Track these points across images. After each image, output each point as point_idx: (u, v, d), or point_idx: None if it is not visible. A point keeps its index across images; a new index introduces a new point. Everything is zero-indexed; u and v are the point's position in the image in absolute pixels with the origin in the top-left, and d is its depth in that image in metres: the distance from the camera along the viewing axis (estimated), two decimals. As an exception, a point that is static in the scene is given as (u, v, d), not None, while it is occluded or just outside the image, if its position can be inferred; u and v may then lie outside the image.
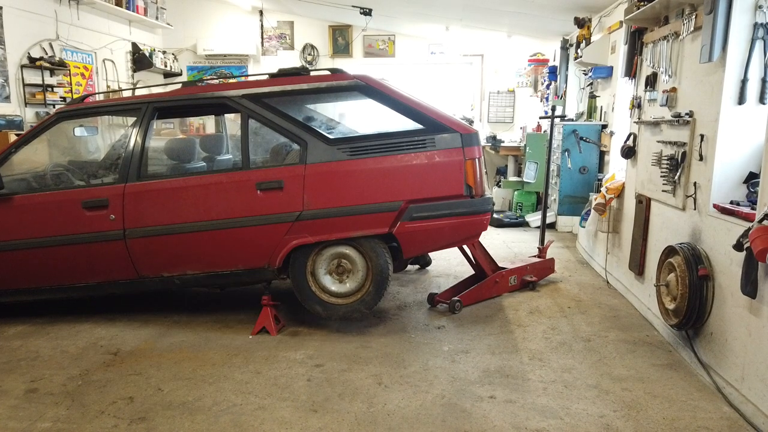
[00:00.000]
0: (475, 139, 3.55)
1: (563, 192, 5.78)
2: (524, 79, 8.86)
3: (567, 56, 7.02)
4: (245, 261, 3.64)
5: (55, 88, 6.34)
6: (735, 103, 2.99)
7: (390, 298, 4.34)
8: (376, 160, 3.47)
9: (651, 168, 3.85)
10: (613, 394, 2.86)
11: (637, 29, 4.26)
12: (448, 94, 9.33)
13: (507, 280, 4.46)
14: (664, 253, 3.39)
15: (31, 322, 3.93)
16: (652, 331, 3.70)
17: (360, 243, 3.57)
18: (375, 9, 7.57)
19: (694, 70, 3.36)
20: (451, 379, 3.03)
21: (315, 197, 3.49)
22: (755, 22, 2.93)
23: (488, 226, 3.77)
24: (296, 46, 9.16)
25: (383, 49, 9.13)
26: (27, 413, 2.73)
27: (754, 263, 2.50)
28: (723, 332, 2.89)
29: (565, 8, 5.99)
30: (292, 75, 3.72)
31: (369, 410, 2.72)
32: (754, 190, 2.90)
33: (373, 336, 3.63)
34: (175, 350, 3.45)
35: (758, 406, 2.54)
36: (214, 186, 3.61)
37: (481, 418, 2.64)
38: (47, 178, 4.06)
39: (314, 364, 3.22)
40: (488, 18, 7.54)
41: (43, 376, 3.12)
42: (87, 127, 5.21)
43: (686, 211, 3.37)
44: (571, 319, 3.92)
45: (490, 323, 3.85)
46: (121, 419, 2.66)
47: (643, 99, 4.14)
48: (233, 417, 2.67)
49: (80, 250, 3.68)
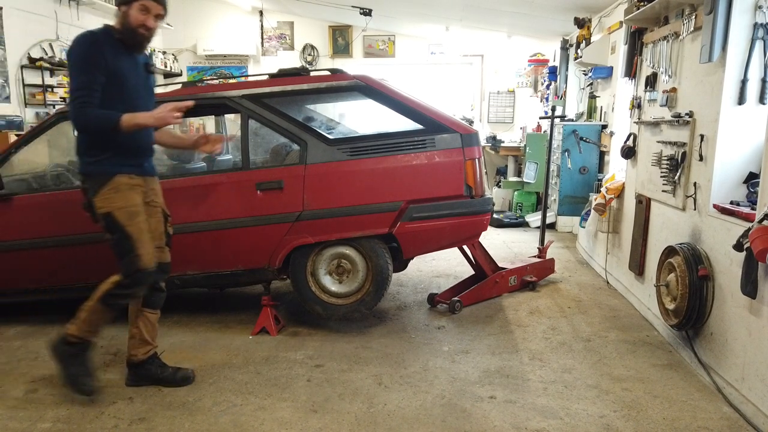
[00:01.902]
0: (475, 139, 3.55)
1: (563, 192, 5.78)
2: (524, 80, 8.86)
3: (567, 56, 7.02)
4: (245, 261, 3.64)
5: (55, 89, 6.34)
6: (735, 104, 2.99)
7: (390, 298, 4.34)
8: (376, 161, 3.47)
9: (651, 168, 3.85)
10: (613, 395, 2.86)
11: (637, 29, 4.26)
12: (448, 95, 9.33)
13: (507, 280, 4.46)
14: (664, 254, 3.40)
15: (31, 322, 3.93)
16: (652, 332, 3.70)
17: (360, 243, 3.57)
18: (375, 9, 7.57)
19: (694, 71, 3.36)
20: (451, 379, 3.03)
21: (315, 197, 3.49)
22: (755, 22, 2.93)
23: (488, 226, 3.78)
24: (296, 46, 9.16)
25: (383, 49, 9.13)
26: (27, 413, 2.73)
27: (754, 263, 2.50)
28: (723, 332, 2.89)
29: (565, 8, 5.99)
30: (292, 75, 3.73)
31: (369, 410, 2.72)
32: (754, 190, 2.90)
33: (373, 336, 3.63)
34: (175, 350, 3.44)
35: (758, 406, 2.54)
36: (214, 186, 3.61)
37: (481, 419, 2.64)
38: (47, 179, 4.06)
39: (314, 364, 3.22)
40: (488, 18, 7.54)
41: (43, 376, 3.12)
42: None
43: (686, 211, 3.37)
44: (571, 320, 3.92)
45: (490, 323, 3.85)
46: (121, 419, 2.66)
47: (643, 99, 4.14)
48: (233, 417, 2.67)
49: (80, 250, 3.67)
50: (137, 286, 2.77)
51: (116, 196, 2.70)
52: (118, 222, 2.69)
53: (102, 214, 2.71)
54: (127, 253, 2.70)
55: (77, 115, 2.59)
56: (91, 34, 2.65)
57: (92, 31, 2.67)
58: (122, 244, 2.70)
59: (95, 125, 2.62)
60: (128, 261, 2.70)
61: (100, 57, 2.59)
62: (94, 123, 2.61)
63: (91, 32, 2.66)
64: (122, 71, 2.67)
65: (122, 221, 2.69)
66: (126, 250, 2.70)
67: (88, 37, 2.63)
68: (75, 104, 2.58)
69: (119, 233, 2.69)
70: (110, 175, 2.70)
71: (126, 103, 2.67)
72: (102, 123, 2.60)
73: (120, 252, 2.72)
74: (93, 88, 2.57)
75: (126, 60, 2.71)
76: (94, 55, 2.58)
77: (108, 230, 2.72)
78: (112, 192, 2.69)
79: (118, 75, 2.64)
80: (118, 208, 2.69)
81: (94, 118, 2.59)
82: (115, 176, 2.70)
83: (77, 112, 2.58)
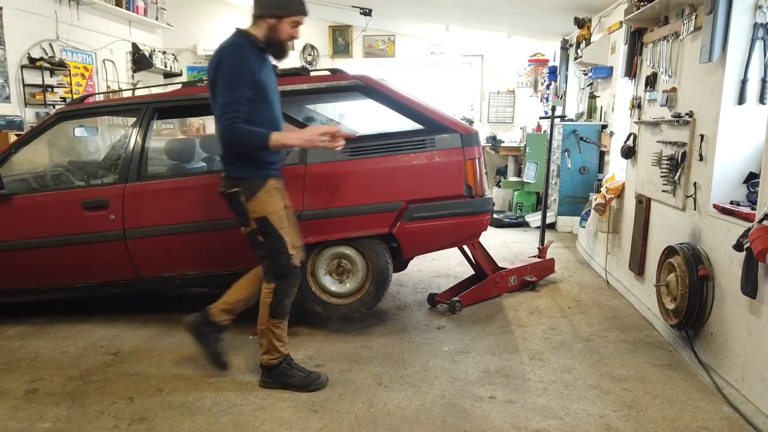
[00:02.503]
0: (475, 139, 3.55)
1: (563, 192, 5.79)
2: (524, 80, 8.86)
3: (567, 56, 7.02)
4: (245, 261, 3.63)
5: (55, 89, 6.34)
6: (735, 104, 2.99)
7: (390, 298, 4.34)
8: (376, 161, 3.47)
9: (651, 168, 3.85)
10: (613, 394, 2.86)
11: (637, 29, 4.26)
12: (448, 95, 9.33)
13: (507, 280, 4.46)
14: (664, 254, 3.39)
15: (31, 322, 3.94)
16: (652, 332, 3.70)
17: (360, 243, 3.57)
18: (375, 9, 7.58)
19: (694, 70, 3.36)
20: (451, 379, 3.03)
21: (315, 197, 3.48)
22: (755, 22, 2.93)
23: (488, 226, 3.77)
24: (296, 46, 9.16)
25: (383, 49, 9.13)
26: (27, 413, 2.73)
27: (754, 263, 2.50)
28: (723, 332, 2.89)
29: (565, 8, 5.99)
30: (292, 75, 3.72)
31: (369, 410, 2.72)
32: (754, 190, 2.90)
33: (373, 336, 3.63)
34: (175, 350, 3.45)
35: (758, 406, 2.54)
36: (214, 186, 3.60)
37: (481, 418, 2.64)
38: (47, 179, 4.07)
39: (314, 364, 3.22)
40: (488, 18, 7.54)
41: (43, 376, 3.12)
42: (87, 128, 5.21)
43: (686, 211, 3.37)
44: (571, 320, 3.92)
45: (490, 323, 3.85)
46: (121, 419, 2.66)
47: (643, 99, 4.14)
48: (233, 417, 2.67)
49: (80, 250, 3.67)
50: (293, 285, 2.87)
51: (270, 200, 2.78)
52: (272, 225, 2.77)
53: (257, 218, 2.77)
54: (281, 254, 2.80)
55: (227, 132, 2.64)
56: (239, 47, 2.68)
57: (238, 43, 2.69)
58: (276, 246, 2.79)
59: (244, 143, 2.68)
60: (282, 262, 2.80)
61: (248, 71, 2.64)
62: (242, 141, 2.66)
63: (238, 44, 2.69)
64: (265, 81, 2.74)
65: (276, 224, 2.78)
66: (280, 251, 2.80)
67: (235, 49, 2.67)
68: (224, 120, 2.62)
69: (274, 236, 2.78)
70: (264, 179, 2.77)
71: (269, 110, 2.78)
72: (251, 141, 2.66)
73: (272, 253, 2.80)
74: (241, 103, 2.63)
75: (265, 68, 2.78)
76: (243, 69, 2.63)
77: (261, 233, 2.79)
78: (266, 196, 2.77)
79: (262, 86, 2.72)
80: (272, 212, 2.78)
81: (244, 136, 2.65)
82: (268, 180, 2.78)
83: (227, 129, 2.63)
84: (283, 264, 2.80)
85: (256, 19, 2.75)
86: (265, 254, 2.82)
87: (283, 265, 2.80)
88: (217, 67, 2.66)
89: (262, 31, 2.73)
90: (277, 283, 2.82)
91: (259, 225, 2.77)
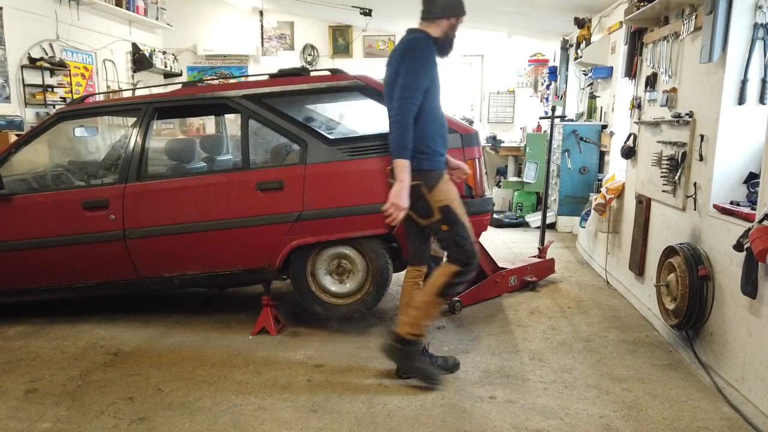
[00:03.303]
0: (475, 139, 3.55)
1: (563, 192, 5.78)
2: (524, 80, 8.86)
3: (567, 56, 7.02)
4: (245, 261, 3.64)
5: (56, 89, 6.34)
6: (735, 104, 2.99)
7: (390, 298, 4.34)
8: (376, 161, 3.47)
9: (651, 168, 3.85)
10: (613, 395, 2.86)
11: (637, 29, 4.26)
12: (448, 95, 9.33)
13: (507, 280, 4.46)
14: (664, 254, 3.39)
15: (31, 322, 3.94)
16: (652, 332, 3.70)
17: (360, 243, 3.57)
18: (375, 9, 7.57)
19: (694, 71, 3.36)
20: (451, 379, 3.03)
21: (315, 197, 3.48)
22: (755, 22, 2.93)
23: (488, 226, 3.77)
24: (296, 46, 9.16)
25: (383, 49, 9.13)
26: (27, 413, 2.73)
27: (754, 263, 2.50)
28: (723, 332, 2.89)
29: (565, 8, 5.99)
30: (292, 75, 3.73)
31: (369, 410, 2.72)
32: (754, 190, 2.90)
33: (373, 336, 3.63)
34: (175, 350, 3.45)
35: (758, 406, 2.54)
36: (214, 186, 3.61)
37: (481, 419, 2.64)
38: (47, 179, 4.07)
39: (314, 364, 3.22)
40: (488, 18, 7.54)
41: (43, 376, 3.12)
42: (87, 128, 5.21)
43: (686, 211, 3.37)
44: (571, 320, 3.92)
45: (490, 323, 3.85)
46: (121, 419, 2.66)
47: (643, 99, 4.14)
48: (233, 417, 2.67)
49: (80, 250, 3.68)
50: (474, 271, 2.94)
51: (449, 189, 2.90)
52: (455, 213, 2.87)
53: (441, 207, 2.86)
54: (466, 240, 2.87)
55: (402, 113, 2.76)
56: (428, 41, 2.85)
57: (426, 38, 2.85)
58: (461, 233, 2.87)
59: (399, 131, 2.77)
60: (468, 249, 2.87)
61: (434, 65, 2.85)
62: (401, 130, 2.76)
63: (425, 39, 2.85)
64: (438, 77, 2.90)
65: (458, 211, 2.88)
66: (465, 238, 2.87)
67: (429, 43, 2.85)
68: (404, 102, 2.75)
69: (458, 224, 2.87)
70: (441, 170, 2.91)
71: (436, 102, 2.91)
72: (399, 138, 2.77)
73: (457, 241, 2.87)
74: (420, 90, 2.77)
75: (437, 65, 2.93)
76: (432, 62, 2.84)
77: (446, 222, 2.86)
78: (445, 185, 2.89)
79: (437, 80, 2.89)
80: (453, 199, 2.89)
81: (404, 130, 2.76)
82: (444, 171, 2.92)
83: (404, 111, 2.75)
84: (469, 250, 2.87)
85: (433, 20, 2.89)
86: (451, 243, 2.89)
87: (470, 251, 2.87)
88: (406, 53, 2.81)
89: (442, 30, 2.89)
90: (461, 268, 2.87)
91: (443, 214, 2.85)
